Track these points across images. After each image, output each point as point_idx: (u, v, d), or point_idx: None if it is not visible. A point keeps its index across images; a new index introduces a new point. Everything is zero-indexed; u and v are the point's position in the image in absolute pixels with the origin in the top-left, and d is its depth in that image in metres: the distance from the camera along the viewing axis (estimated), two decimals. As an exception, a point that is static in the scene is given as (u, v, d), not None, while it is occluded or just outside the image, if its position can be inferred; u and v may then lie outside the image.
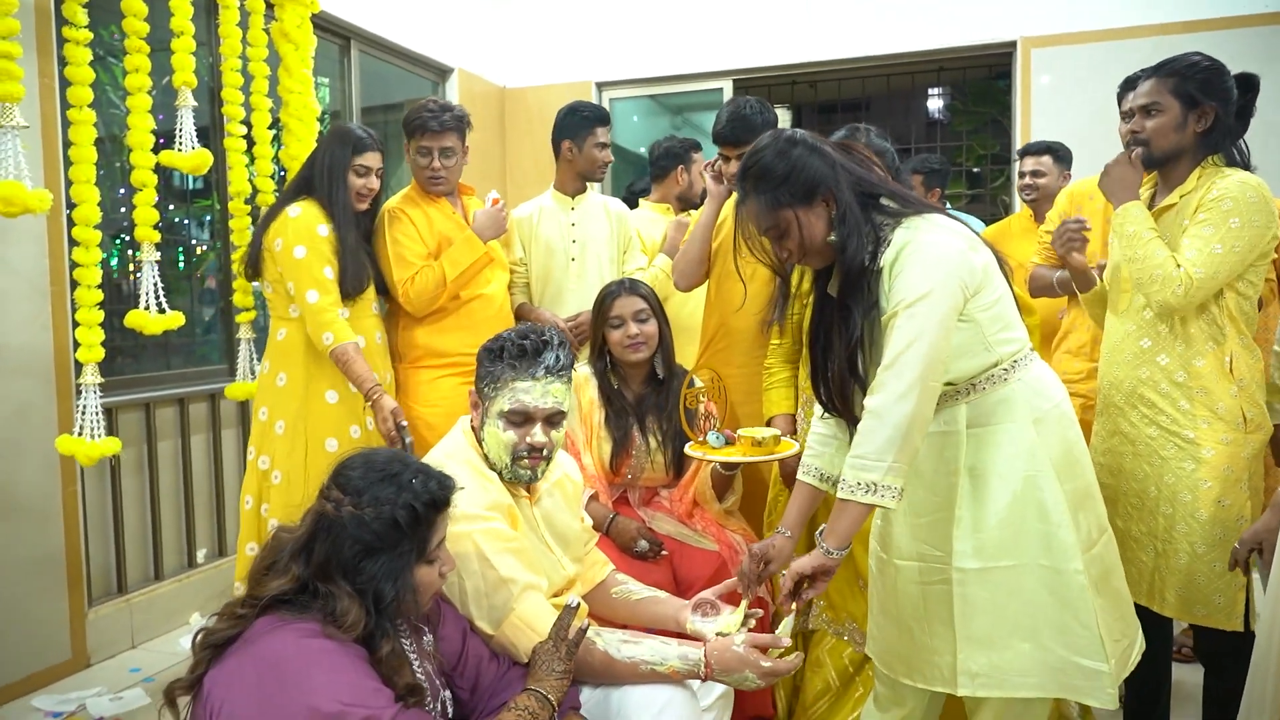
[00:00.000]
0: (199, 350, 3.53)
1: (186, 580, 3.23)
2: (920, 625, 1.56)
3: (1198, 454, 1.80)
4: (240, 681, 1.14)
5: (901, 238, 1.48)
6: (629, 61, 5.13)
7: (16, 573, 2.65)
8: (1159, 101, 1.85)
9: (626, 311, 2.32)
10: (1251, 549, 1.60)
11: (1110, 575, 1.54)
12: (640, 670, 1.53)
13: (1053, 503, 1.47)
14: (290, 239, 2.42)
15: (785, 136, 1.54)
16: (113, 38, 3.03)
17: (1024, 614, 1.48)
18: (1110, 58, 4.15)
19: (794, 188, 1.50)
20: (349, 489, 1.27)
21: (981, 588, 1.49)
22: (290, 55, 2.99)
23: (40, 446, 2.70)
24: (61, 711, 2.55)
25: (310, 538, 1.26)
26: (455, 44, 4.86)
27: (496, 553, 1.52)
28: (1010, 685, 1.49)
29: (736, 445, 2.04)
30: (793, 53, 4.84)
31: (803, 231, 1.52)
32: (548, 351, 1.63)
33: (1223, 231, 1.75)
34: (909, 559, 1.57)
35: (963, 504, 1.50)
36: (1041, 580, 1.47)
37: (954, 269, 1.45)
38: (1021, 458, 1.49)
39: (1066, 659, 1.46)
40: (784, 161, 1.50)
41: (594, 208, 3.07)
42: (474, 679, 1.45)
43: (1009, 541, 1.48)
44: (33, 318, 2.68)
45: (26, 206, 2.17)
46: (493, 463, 1.65)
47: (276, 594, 1.23)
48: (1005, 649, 1.48)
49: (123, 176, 3.12)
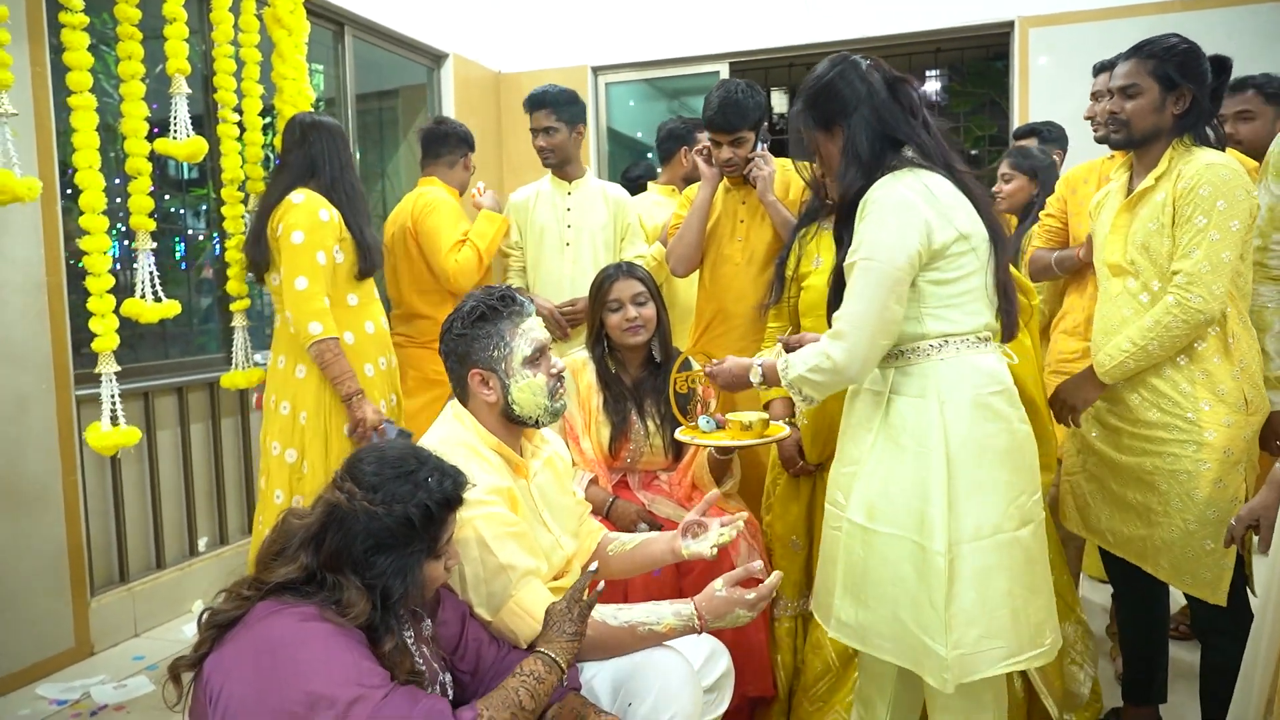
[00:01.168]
0: (197, 339, 3.53)
1: (188, 568, 3.24)
2: (824, 564, 1.70)
3: (1200, 436, 1.80)
4: (238, 666, 1.15)
5: (880, 184, 1.54)
6: (624, 45, 5.11)
7: (19, 563, 2.66)
8: (1138, 83, 1.85)
9: (625, 294, 2.32)
10: (1248, 526, 1.61)
11: (998, 574, 1.50)
12: (638, 633, 1.55)
13: (934, 484, 1.50)
14: (290, 223, 2.43)
15: (837, 61, 1.63)
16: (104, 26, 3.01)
17: (889, 582, 1.54)
18: (1109, 37, 4.12)
19: (817, 112, 1.62)
20: (363, 483, 1.27)
21: (860, 545, 1.57)
22: (284, 41, 2.97)
23: (40, 437, 2.70)
24: (66, 699, 2.57)
25: (322, 528, 1.26)
26: (450, 29, 4.83)
27: (496, 539, 1.53)
28: (871, 644, 1.57)
29: (726, 430, 2.04)
30: (789, 35, 4.81)
31: (821, 152, 1.66)
32: (515, 293, 1.70)
33: (1225, 234, 1.74)
34: (830, 503, 1.69)
35: (869, 463, 1.58)
36: (908, 554, 1.52)
37: (910, 233, 1.50)
38: (920, 434, 1.53)
39: (914, 633, 1.52)
40: (819, 86, 1.61)
41: (591, 193, 3.04)
42: (474, 662, 1.45)
43: (890, 511, 1.54)
44: (30, 309, 2.68)
45: (15, 194, 2.16)
46: (526, 417, 1.65)
47: (282, 581, 1.23)
48: (871, 610, 1.56)
49: (117, 166, 3.11)
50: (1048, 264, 2.73)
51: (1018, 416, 1.59)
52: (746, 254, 2.50)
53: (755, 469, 2.42)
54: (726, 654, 1.77)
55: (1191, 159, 1.81)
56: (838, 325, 1.54)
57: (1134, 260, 1.89)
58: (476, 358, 1.64)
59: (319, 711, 1.09)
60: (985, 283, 1.58)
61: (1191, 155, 1.82)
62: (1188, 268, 1.76)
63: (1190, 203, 1.77)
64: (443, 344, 1.70)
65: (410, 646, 1.34)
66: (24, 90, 2.59)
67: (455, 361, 1.67)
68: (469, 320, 1.64)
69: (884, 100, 1.59)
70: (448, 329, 1.68)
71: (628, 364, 2.40)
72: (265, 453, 2.58)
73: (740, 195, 2.56)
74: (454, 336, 1.66)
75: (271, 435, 2.56)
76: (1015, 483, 1.55)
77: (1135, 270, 1.89)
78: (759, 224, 2.50)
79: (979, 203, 1.59)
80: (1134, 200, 1.91)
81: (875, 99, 1.58)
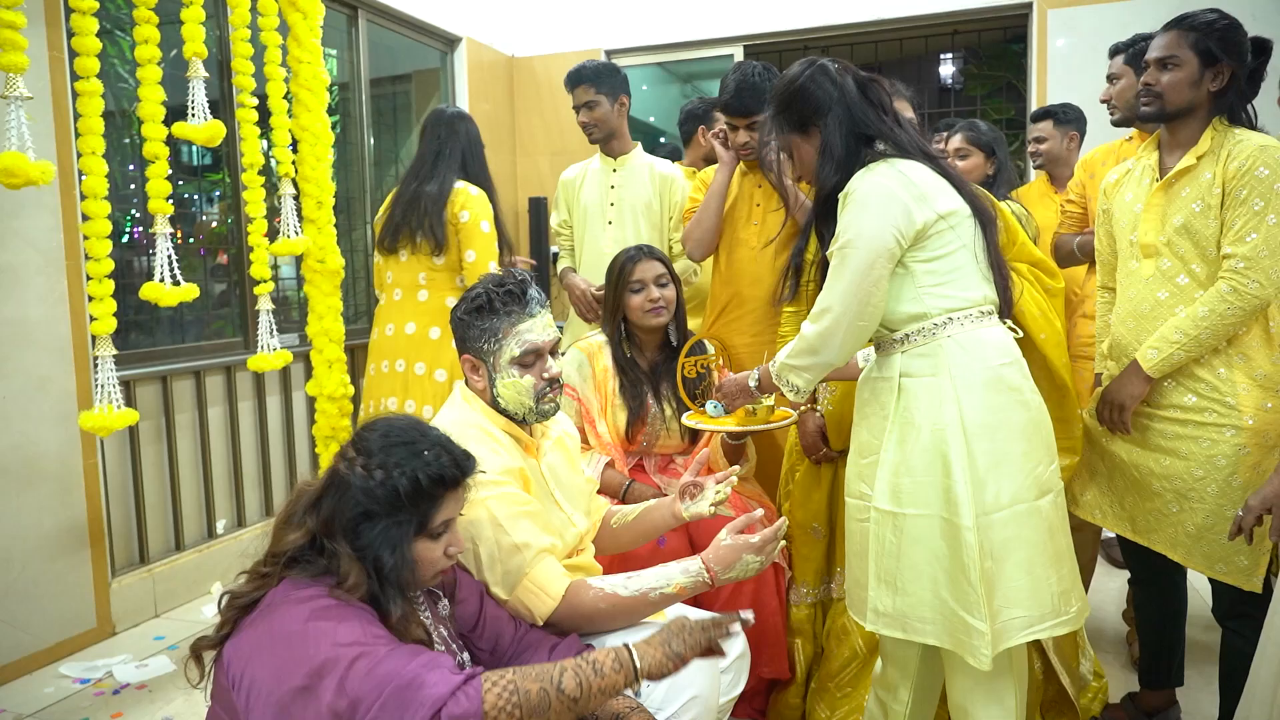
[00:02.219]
0: (213, 324, 3.55)
1: (207, 550, 3.28)
2: (854, 559, 1.68)
3: (1239, 420, 1.77)
4: (258, 652, 1.16)
5: (857, 177, 1.59)
6: (638, 28, 5.08)
7: (42, 544, 2.69)
8: (1177, 55, 1.81)
9: (648, 276, 2.32)
10: (1259, 514, 1.57)
11: (1014, 546, 1.52)
12: (650, 598, 1.54)
13: (956, 459, 1.51)
14: (477, 213, 2.82)
15: (807, 65, 1.69)
16: (119, 11, 3.01)
17: (925, 561, 1.54)
18: (1129, 19, 4.07)
19: (792, 116, 1.69)
20: (364, 450, 1.27)
21: (891, 531, 1.57)
22: (299, 25, 2.96)
23: (61, 419, 2.73)
24: (89, 678, 2.61)
25: (322, 492, 1.27)
26: (463, 13, 4.82)
27: (510, 518, 1.53)
28: (910, 629, 1.56)
29: (734, 415, 2.04)
30: (804, 17, 4.77)
31: (797, 154, 1.72)
32: (530, 288, 1.69)
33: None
34: (852, 496, 1.68)
35: (887, 448, 1.59)
36: (941, 531, 1.53)
37: (889, 218, 1.53)
38: (937, 411, 1.54)
39: (954, 611, 1.51)
40: (792, 90, 1.67)
41: (637, 170, 2.97)
42: (494, 640, 1.46)
43: (917, 491, 1.55)
44: (50, 291, 2.70)
45: (29, 178, 2.17)
46: (513, 413, 1.67)
47: (293, 552, 1.24)
48: (908, 594, 1.56)
49: (133, 151, 3.12)
50: (1071, 249, 2.71)
51: (1029, 387, 1.60)
52: (762, 238, 2.49)
53: (773, 451, 2.42)
54: (743, 636, 1.77)
55: (1241, 140, 1.76)
56: (817, 307, 1.58)
57: (1171, 241, 1.85)
58: (470, 345, 1.67)
59: (326, 676, 1.09)
60: (975, 257, 1.60)
61: (1238, 136, 1.77)
62: (1245, 252, 1.72)
63: (1246, 184, 1.72)
64: (451, 322, 1.74)
65: (427, 623, 1.34)
66: (42, 75, 2.60)
67: (457, 343, 1.72)
68: (470, 308, 1.67)
69: (856, 100, 1.65)
70: (455, 310, 1.72)
71: (645, 347, 2.40)
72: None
73: (756, 179, 2.55)
74: (458, 319, 1.70)
75: (404, 393, 2.88)
76: (1032, 453, 1.56)
77: (1174, 251, 1.85)
78: (775, 208, 2.49)
79: (958, 183, 1.63)
80: (1172, 179, 1.86)
81: (848, 99, 1.65)
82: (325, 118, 3.02)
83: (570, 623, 1.53)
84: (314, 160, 3.02)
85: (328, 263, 3.07)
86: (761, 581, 2.17)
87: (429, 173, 2.88)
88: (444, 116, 2.93)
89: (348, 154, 4.23)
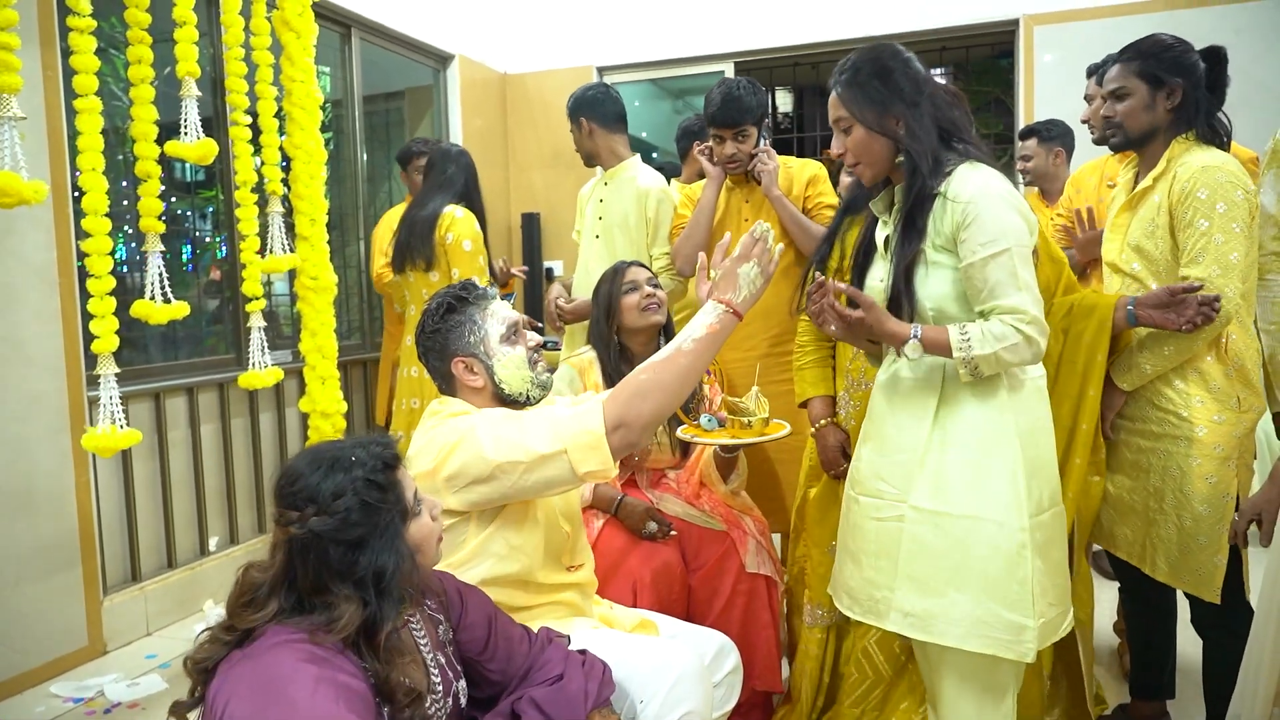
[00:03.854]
0: (206, 341, 3.55)
1: (199, 568, 3.27)
2: (869, 559, 1.66)
3: (1191, 432, 1.82)
4: (238, 694, 1.12)
5: (969, 175, 1.55)
6: (629, 45, 5.12)
7: (34, 562, 2.68)
8: (1125, 85, 1.89)
9: (639, 277, 2.34)
10: (1251, 520, 1.62)
11: (1052, 545, 1.61)
12: (684, 349, 1.50)
13: (1011, 464, 1.55)
14: (460, 233, 3.08)
15: (892, 50, 1.63)
16: (113, 30, 3.03)
17: (964, 564, 1.55)
18: (1115, 35, 4.08)
19: (873, 96, 1.59)
20: (302, 502, 1.20)
21: (931, 530, 1.57)
22: (292, 44, 2.98)
23: (53, 437, 2.73)
24: (80, 697, 2.59)
25: (287, 568, 1.20)
26: (456, 31, 4.85)
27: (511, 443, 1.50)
28: (937, 631, 1.56)
29: (727, 428, 2.04)
30: (794, 34, 4.82)
31: (863, 135, 1.61)
32: (474, 282, 1.73)
33: (1229, 236, 1.74)
34: (869, 495, 1.67)
35: (931, 450, 1.59)
36: (987, 535, 1.54)
37: (1024, 221, 1.55)
38: (991, 418, 1.57)
39: (995, 611, 1.53)
40: (876, 69, 1.60)
41: (624, 184, 2.97)
42: (505, 661, 1.43)
43: (965, 493, 1.56)
44: (43, 308, 2.70)
45: (22, 197, 2.18)
46: (515, 394, 1.67)
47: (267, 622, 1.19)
48: (940, 596, 1.56)
49: (125, 169, 3.13)
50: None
51: (1047, 396, 1.67)
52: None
53: (763, 464, 2.43)
54: (735, 651, 1.78)
55: (1187, 161, 1.81)
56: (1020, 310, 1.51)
57: (1129, 260, 1.92)
58: (455, 347, 1.67)
59: None
60: None
61: (1187, 157, 1.82)
62: (1198, 273, 1.76)
63: (1190, 207, 1.77)
64: (420, 346, 1.72)
65: (424, 650, 1.32)
66: (36, 94, 2.61)
67: (436, 358, 1.69)
68: (439, 315, 1.68)
69: (935, 94, 1.62)
70: (421, 330, 1.70)
71: (635, 362, 2.40)
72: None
73: (744, 193, 2.57)
74: (429, 334, 1.69)
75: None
76: (1054, 459, 1.64)
77: (1131, 270, 1.91)
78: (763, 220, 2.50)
79: None
80: (1134, 200, 1.93)
81: (929, 93, 1.61)
82: (318, 136, 3.03)
83: (626, 414, 1.48)
84: (307, 178, 3.03)
85: (321, 280, 3.08)
86: (753, 594, 2.17)
87: (425, 199, 3.20)
88: (448, 153, 3.29)
89: (341, 170, 4.25)
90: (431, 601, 1.39)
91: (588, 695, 1.36)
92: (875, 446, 1.69)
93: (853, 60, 1.63)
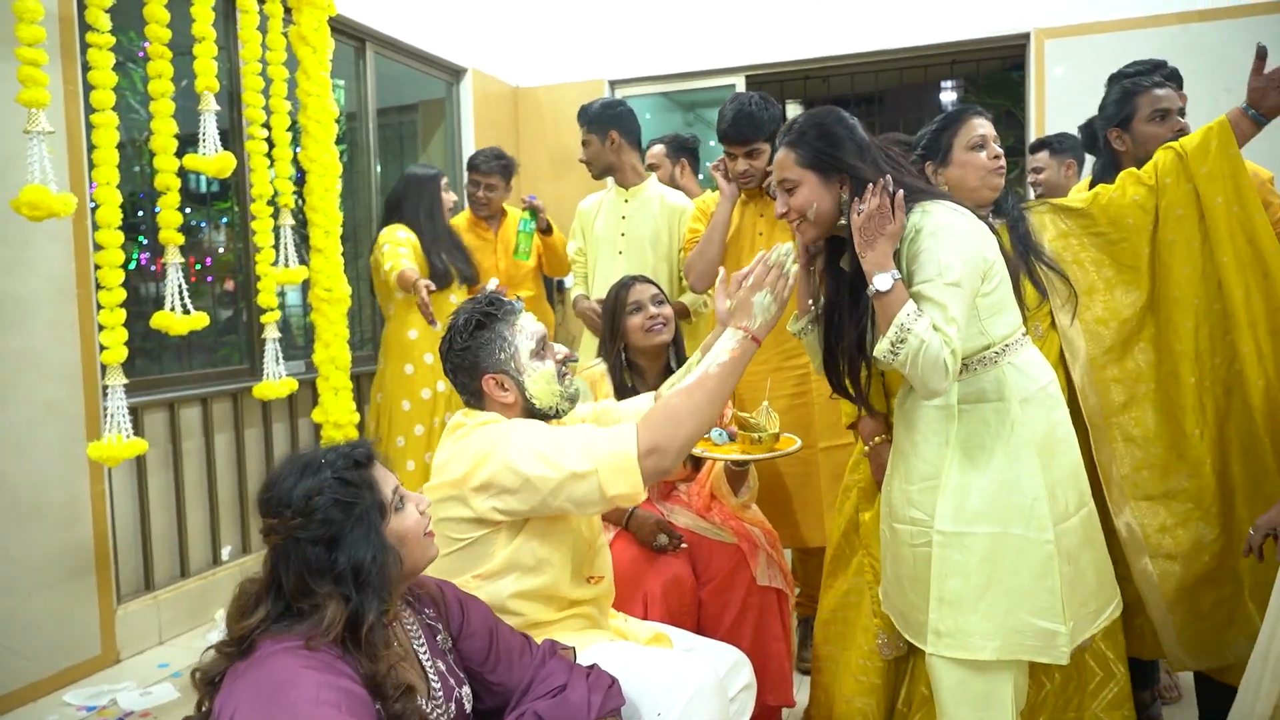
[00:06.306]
0: (220, 351, 3.58)
1: (212, 577, 3.28)
2: (910, 584, 1.70)
3: None
4: (243, 704, 1.14)
5: (919, 217, 1.59)
6: (641, 59, 5.15)
7: (48, 571, 2.70)
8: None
9: (644, 296, 2.35)
10: (1266, 534, 1.61)
11: (1084, 547, 1.64)
12: (710, 373, 1.53)
13: (1030, 477, 1.58)
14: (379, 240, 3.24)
15: (836, 114, 1.68)
16: (132, 44, 3.07)
17: (993, 579, 1.58)
18: (1126, 48, 4.10)
19: (820, 156, 1.64)
20: (279, 508, 1.23)
21: (957, 551, 1.60)
22: (308, 58, 3.02)
23: (68, 447, 2.75)
24: (93, 706, 2.61)
25: (273, 575, 1.24)
26: (469, 44, 4.89)
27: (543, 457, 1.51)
28: (972, 647, 1.58)
29: (738, 442, 2.04)
30: (805, 48, 4.83)
31: (810, 197, 1.65)
32: (500, 296, 1.72)
33: None
34: (904, 523, 1.69)
35: (951, 473, 1.62)
36: (1014, 548, 1.57)
37: (976, 255, 1.58)
38: (1006, 434, 1.60)
39: (1026, 621, 1.56)
40: (821, 130, 1.65)
41: (649, 201, 3.01)
42: (506, 672, 1.44)
43: (988, 510, 1.59)
44: (59, 319, 2.73)
45: (51, 210, 2.21)
46: (545, 409, 1.67)
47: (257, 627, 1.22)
48: (972, 612, 1.58)
49: (142, 181, 3.16)
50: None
51: (1063, 400, 1.71)
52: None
53: (773, 478, 2.43)
54: (749, 666, 1.78)
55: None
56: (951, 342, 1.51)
57: None
58: (486, 364, 1.66)
59: None
60: (1010, 284, 1.69)
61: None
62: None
63: None
64: (447, 362, 1.70)
65: (423, 658, 1.32)
66: (57, 108, 2.65)
67: (465, 375, 1.68)
68: (468, 331, 1.66)
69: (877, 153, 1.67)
70: (449, 346, 1.69)
71: (645, 375, 2.41)
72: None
73: (758, 208, 2.58)
74: (458, 351, 1.67)
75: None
76: (1078, 461, 1.68)
77: None
78: (778, 235, 2.51)
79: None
80: None
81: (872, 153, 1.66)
82: (333, 149, 3.07)
83: (660, 439, 1.49)
84: (322, 190, 3.07)
85: (335, 291, 3.11)
86: (765, 607, 2.17)
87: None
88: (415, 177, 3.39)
89: (354, 183, 4.28)
90: (430, 610, 1.41)
91: (590, 706, 1.36)
92: (903, 475, 1.71)
93: (798, 122, 1.69)
